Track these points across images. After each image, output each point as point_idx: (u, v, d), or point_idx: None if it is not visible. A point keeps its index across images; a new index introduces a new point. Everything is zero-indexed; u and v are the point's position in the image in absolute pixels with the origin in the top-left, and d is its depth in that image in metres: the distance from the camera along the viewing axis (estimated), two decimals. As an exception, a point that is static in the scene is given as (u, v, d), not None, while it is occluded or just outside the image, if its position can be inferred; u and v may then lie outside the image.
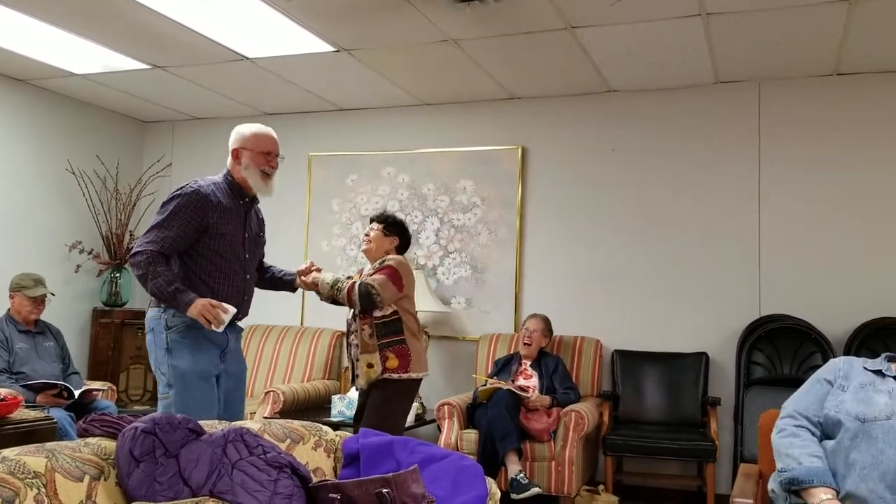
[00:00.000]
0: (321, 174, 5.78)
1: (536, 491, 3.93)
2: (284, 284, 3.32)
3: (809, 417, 2.21)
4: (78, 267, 5.64)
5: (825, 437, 2.18)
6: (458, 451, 4.08)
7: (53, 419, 3.42)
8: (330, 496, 1.97)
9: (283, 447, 2.17)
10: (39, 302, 4.39)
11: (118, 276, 5.79)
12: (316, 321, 5.56)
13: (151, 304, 2.90)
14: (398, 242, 3.61)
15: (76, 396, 4.07)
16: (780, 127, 4.71)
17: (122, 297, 5.79)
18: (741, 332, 4.59)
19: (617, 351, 4.82)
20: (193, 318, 2.76)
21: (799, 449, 2.12)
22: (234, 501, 1.85)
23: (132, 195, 5.94)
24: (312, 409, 4.77)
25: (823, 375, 2.29)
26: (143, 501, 1.71)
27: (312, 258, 3.65)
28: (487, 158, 5.33)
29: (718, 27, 3.92)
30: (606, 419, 4.53)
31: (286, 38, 4.23)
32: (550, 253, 5.15)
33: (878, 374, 2.22)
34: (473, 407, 4.38)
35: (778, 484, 2.15)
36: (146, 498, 1.72)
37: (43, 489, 1.57)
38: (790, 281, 4.60)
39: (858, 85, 4.57)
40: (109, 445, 1.80)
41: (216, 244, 2.89)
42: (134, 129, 6.28)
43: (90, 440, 1.81)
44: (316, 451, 2.32)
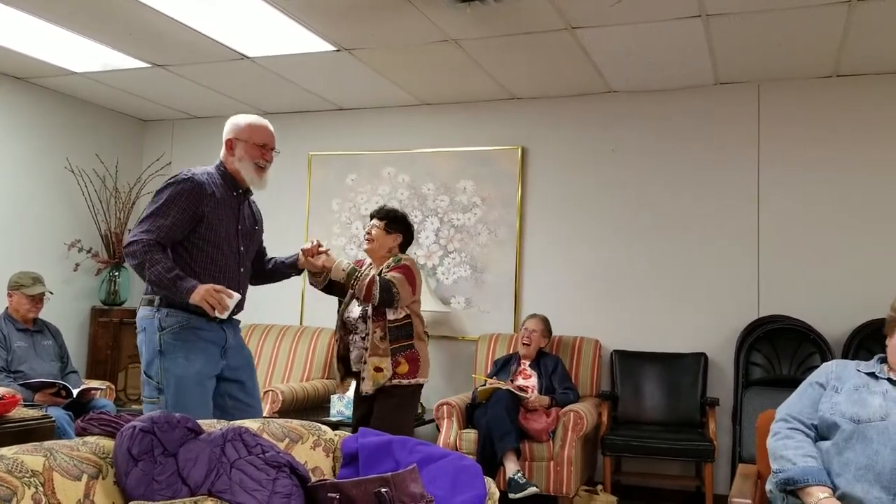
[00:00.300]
0: (321, 174, 5.77)
1: (534, 490, 3.93)
2: (288, 268, 3.14)
3: (803, 420, 2.22)
4: (77, 266, 5.64)
5: (821, 438, 2.18)
6: (456, 450, 4.08)
7: (51, 418, 3.42)
8: (328, 496, 1.97)
9: (281, 446, 2.17)
10: (38, 300, 4.38)
11: (117, 274, 5.78)
12: (315, 320, 5.56)
13: (143, 302, 2.78)
14: (402, 239, 3.44)
15: (74, 395, 4.06)
16: (779, 128, 4.71)
17: (120, 295, 5.79)
18: (740, 332, 4.59)
19: (616, 351, 4.82)
20: (196, 303, 2.61)
21: (793, 450, 2.13)
22: (232, 501, 1.85)
23: (131, 194, 5.94)
24: (311, 408, 4.77)
25: (816, 379, 2.31)
26: (141, 500, 1.71)
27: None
28: (487, 158, 5.33)
29: (718, 28, 3.92)
30: (605, 419, 4.53)
31: (286, 37, 4.23)
32: (550, 253, 5.15)
33: (871, 376, 2.23)
34: (472, 407, 4.38)
35: (774, 486, 2.16)
36: (144, 497, 1.72)
37: (41, 488, 1.57)
38: (789, 282, 4.61)
39: (858, 86, 4.57)
40: (108, 444, 1.80)
41: (210, 234, 2.77)
42: (133, 127, 6.27)
43: (88, 439, 1.81)
44: (315, 450, 2.32)
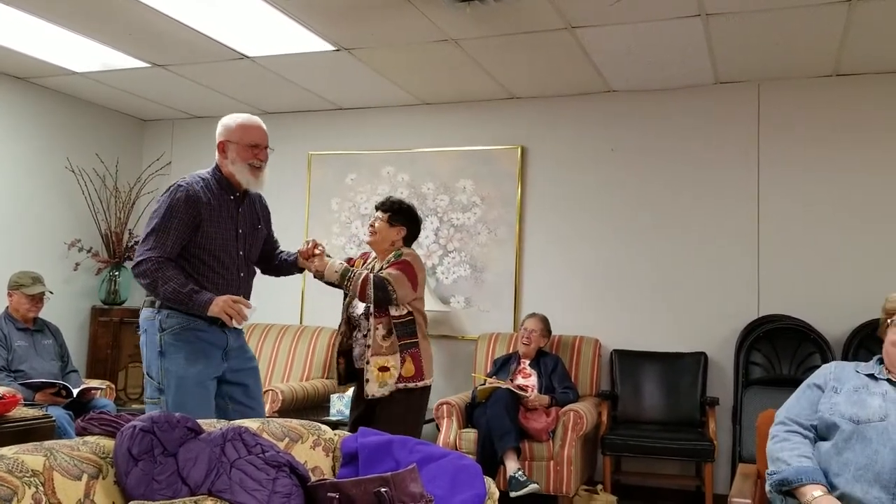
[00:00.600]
0: (321, 173, 5.77)
1: (535, 488, 3.92)
2: (290, 266, 3.16)
3: (800, 422, 2.24)
4: (77, 265, 5.64)
5: (821, 439, 2.19)
6: (456, 450, 4.08)
7: (52, 417, 3.42)
8: (328, 495, 1.97)
9: (281, 446, 2.17)
10: (38, 300, 4.38)
11: (117, 274, 5.78)
12: (315, 320, 5.56)
13: (145, 304, 2.79)
14: (406, 232, 3.29)
15: (74, 395, 4.07)
16: (779, 127, 4.71)
17: (120, 295, 5.79)
18: (740, 332, 4.59)
19: (616, 350, 4.82)
20: (215, 315, 2.65)
21: (788, 451, 2.16)
22: (232, 500, 1.85)
23: (132, 193, 5.94)
24: (311, 408, 4.77)
25: (814, 381, 2.33)
26: (141, 500, 1.71)
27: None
28: (487, 158, 5.33)
29: (718, 28, 3.92)
30: (605, 419, 4.53)
31: (286, 36, 4.23)
32: (550, 253, 5.15)
33: (870, 377, 2.23)
34: (472, 406, 4.38)
35: (771, 487, 2.18)
36: (144, 496, 1.72)
37: (41, 487, 1.57)
38: (789, 281, 4.61)
39: (858, 86, 4.57)
40: (108, 444, 1.80)
41: (208, 244, 2.77)
42: (133, 127, 6.27)
43: (88, 439, 1.81)
44: (314, 450, 2.32)
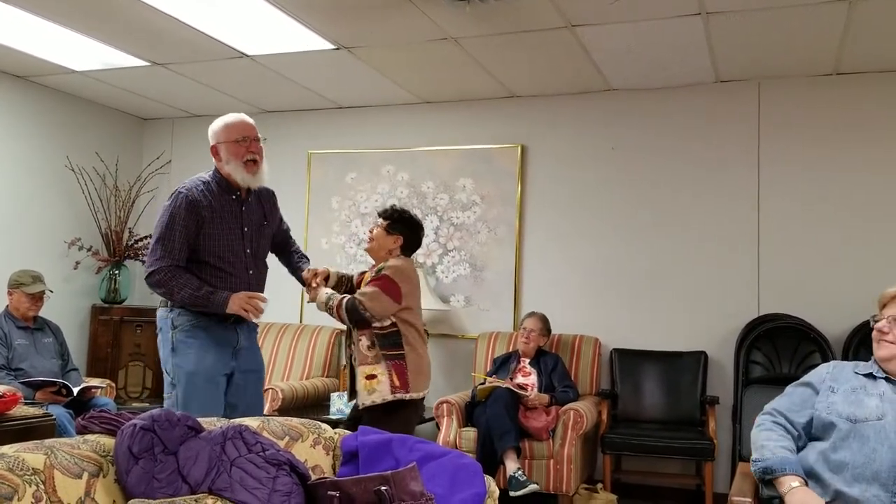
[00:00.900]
0: (320, 172, 5.77)
1: (535, 488, 3.93)
2: (296, 273, 3.29)
3: (787, 416, 2.26)
4: (77, 264, 5.64)
5: (817, 438, 2.20)
6: (456, 449, 4.08)
7: (52, 416, 3.42)
8: (328, 494, 1.97)
9: (281, 444, 2.17)
10: (38, 298, 4.39)
11: (117, 272, 5.78)
12: (315, 319, 5.55)
13: (160, 303, 2.90)
14: (402, 241, 3.26)
15: (75, 393, 4.07)
16: (779, 126, 4.71)
17: (120, 293, 5.79)
18: (740, 331, 4.59)
19: (616, 349, 4.82)
20: (234, 312, 2.76)
21: (774, 442, 2.19)
22: (232, 498, 1.85)
23: (131, 192, 5.94)
24: (311, 406, 4.77)
25: (808, 380, 2.34)
26: (141, 498, 1.71)
27: (311, 255, 3.56)
28: (487, 156, 5.33)
29: (718, 26, 3.92)
30: (605, 418, 4.53)
31: (286, 35, 4.22)
32: (550, 251, 5.15)
33: (869, 377, 2.23)
34: (472, 405, 4.38)
35: (753, 473, 2.22)
36: (145, 495, 1.72)
37: (42, 486, 1.57)
38: (789, 280, 4.60)
39: (858, 84, 4.57)
40: (108, 442, 1.80)
41: (211, 245, 2.82)
42: (133, 126, 6.27)
43: (89, 437, 1.81)
44: (315, 448, 2.32)
